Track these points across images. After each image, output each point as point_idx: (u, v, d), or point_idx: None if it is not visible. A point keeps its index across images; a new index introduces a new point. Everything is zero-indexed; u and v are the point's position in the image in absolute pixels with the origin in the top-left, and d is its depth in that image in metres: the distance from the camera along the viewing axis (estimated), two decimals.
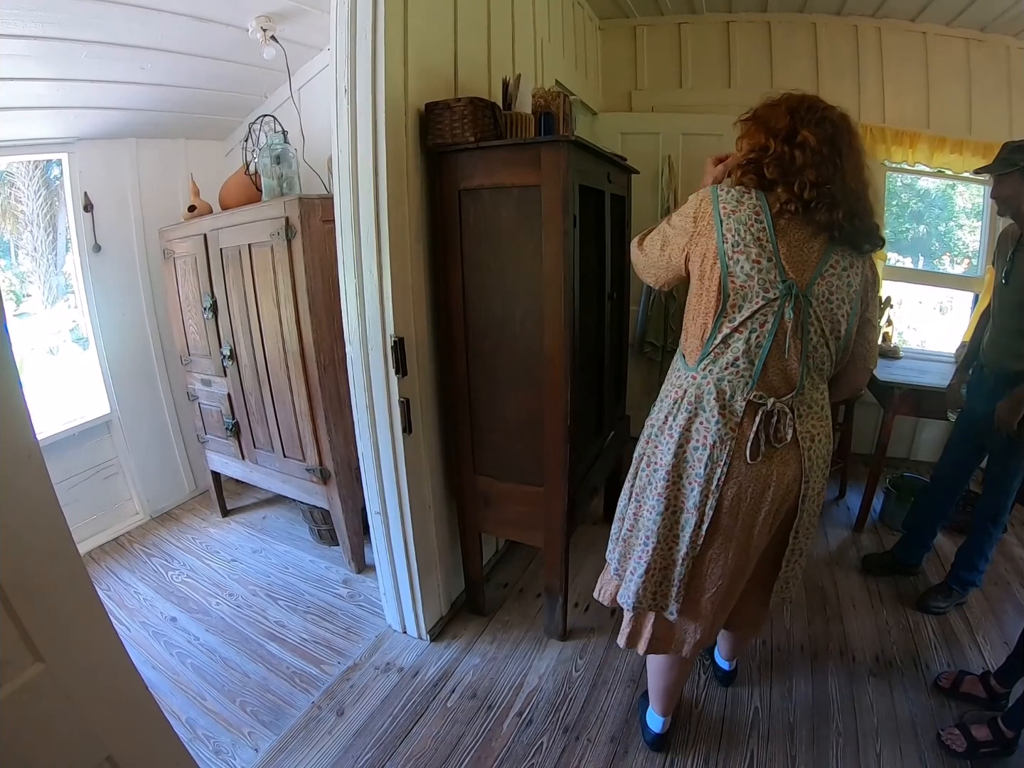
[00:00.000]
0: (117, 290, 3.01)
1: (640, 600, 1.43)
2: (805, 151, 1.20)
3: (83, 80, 2.46)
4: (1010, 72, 3.14)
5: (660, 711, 1.73)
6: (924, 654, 2.14)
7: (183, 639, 2.30)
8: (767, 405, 1.27)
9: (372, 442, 1.97)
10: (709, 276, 1.26)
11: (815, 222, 1.22)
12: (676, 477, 1.35)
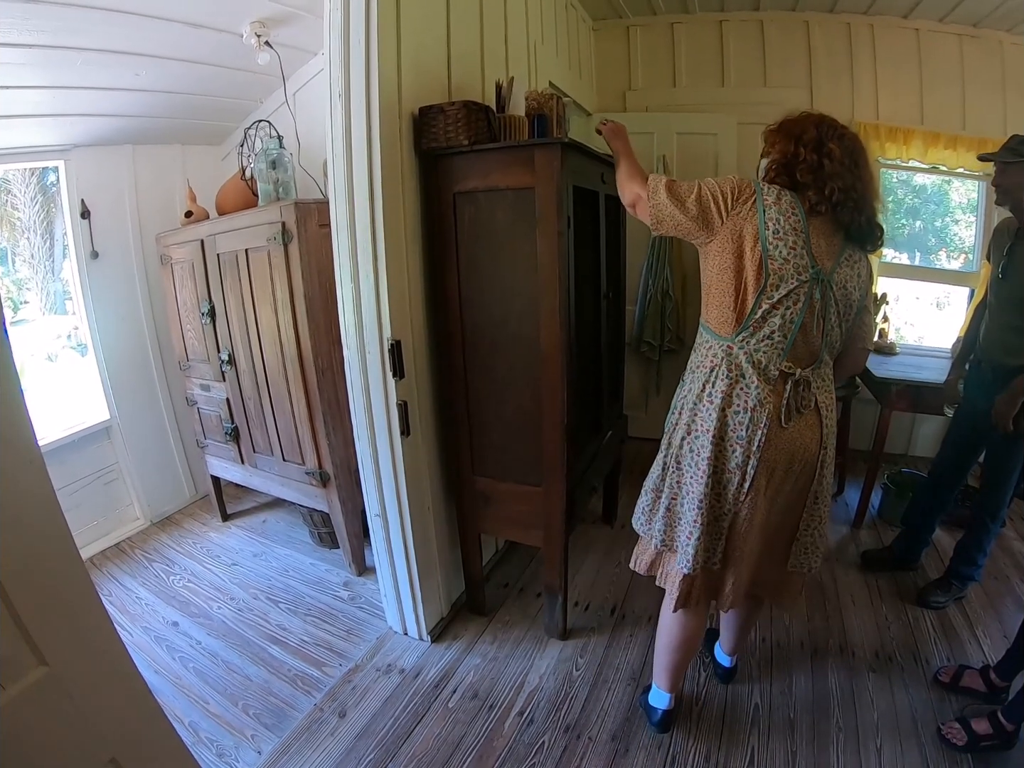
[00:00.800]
0: (115, 296, 3.01)
1: (697, 562, 1.52)
2: (832, 160, 1.37)
3: (78, 87, 2.47)
4: (1004, 67, 3.15)
5: (667, 687, 1.79)
6: (924, 649, 2.14)
7: (185, 643, 2.31)
8: (795, 375, 1.43)
9: (371, 445, 1.98)
10: (750, 257, 1.39)
11: (838, 221, 1.40)
12: (719, 440, 1.46)
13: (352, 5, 1.66)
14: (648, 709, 1.85)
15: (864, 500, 2.90)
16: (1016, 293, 2.04)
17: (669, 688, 1.79)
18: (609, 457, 2.56)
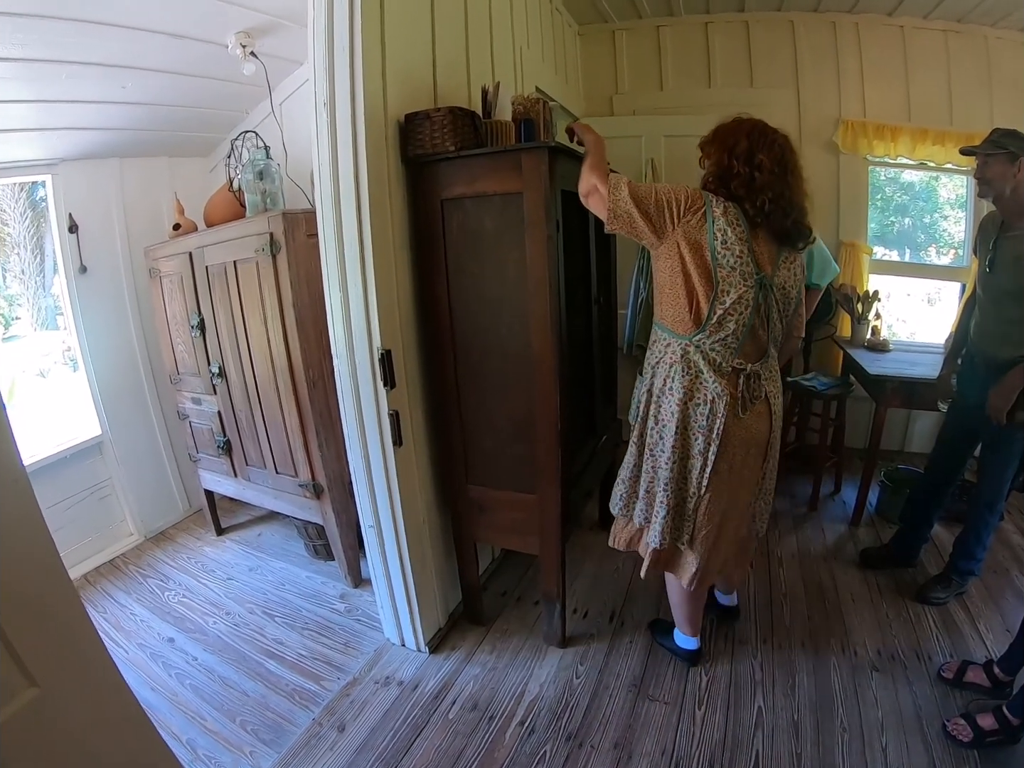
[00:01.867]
0: (104, 310, 2.99)
1: (664, 537, 1.70)
2: (763, 172, 1.49)
3: (64, 101, 2.45)
4: (989, 62, 3.17)
5: (693, 632, 2.02)
6: (926, 645, 2.13)
7: (181, 659, 2.28)
8: (746, 370, 1.60)
9: (363, 456, 1.96)
10: (700, 264, 1.51)
11: (771, 228, 1.54)
12: (683, 429, 1.62)
13: (336, 13, 1.66)
14: (676, 650, 2.07)
15: (861, 498, 2.90)
16: (1004, 285, 2.04)
17: (694, 633, 2.02)
18: (604, 461, 2.54)
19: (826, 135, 3.33)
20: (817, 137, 3.35)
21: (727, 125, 1.61)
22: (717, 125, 1.64)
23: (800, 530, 2.91)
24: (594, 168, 1.65)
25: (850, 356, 3.06)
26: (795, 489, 3.28)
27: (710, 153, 1.62)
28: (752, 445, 1.66)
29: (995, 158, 1.94)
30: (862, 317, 3.21)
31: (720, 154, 1.57)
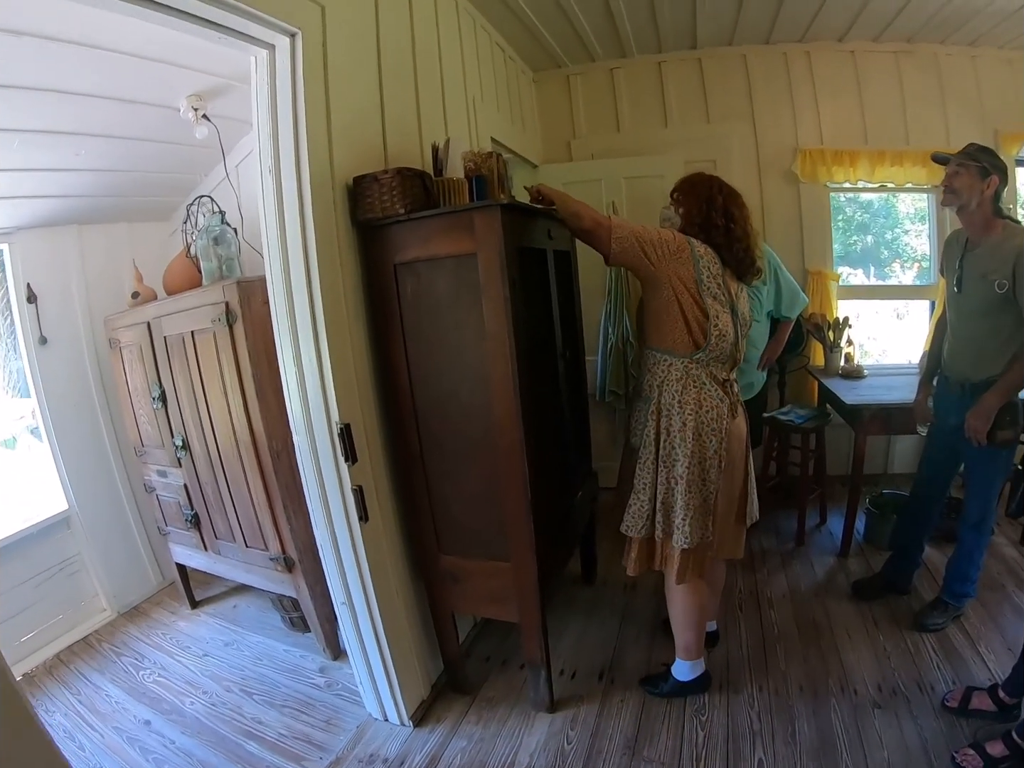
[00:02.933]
0: (67, 382, 2.91)
1: (692, 537, 1.82)
2: (736, 224, 1.81)
3: (19, 169, 2.42)
4: (941, 79, 3.23)
5: (698, 654, 2.06)
6: (928, 675, 2.07)
7: (158, 743, 2.16)
8: (729, 380, 1.89)
9: (329, 533, 1.88)
10: (692, 296, 1.76)
11: (737, 269, 1.87)
12: (699, 434, 1.80)
13: (278, 77, 1.64)
14: (681, 687, 2.07)
15: (848, 528, 2.85)
16: (973, 305, 2.04)
17: (699, 654, 2.06)
18: (582, 517, 2.47)
19: (785, 165, 3.36)
20: (776, 168, 3.38)
21: (698, 178, 1.89)
22: (687, 177, 1.92)
23: (788, 567, 2.85)
24: (585, 208, 1.81)
25: (825, 386, 3.04)
26: (780, 524, 3.22)
27: (685, 202, 1.87)
28: (741, 440, 1.91)
29: (967, 169, 1.96)
30: (834, 345, 3.20)
31: (700, 206, 1.82)
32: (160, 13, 1.39)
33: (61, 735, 2.24)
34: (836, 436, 3.27)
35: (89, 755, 2.14)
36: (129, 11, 1.35)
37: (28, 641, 2.72)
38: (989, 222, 1.99)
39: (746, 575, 2.78)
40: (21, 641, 2.69)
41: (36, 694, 2.51)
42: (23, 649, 2.69)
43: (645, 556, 1.95)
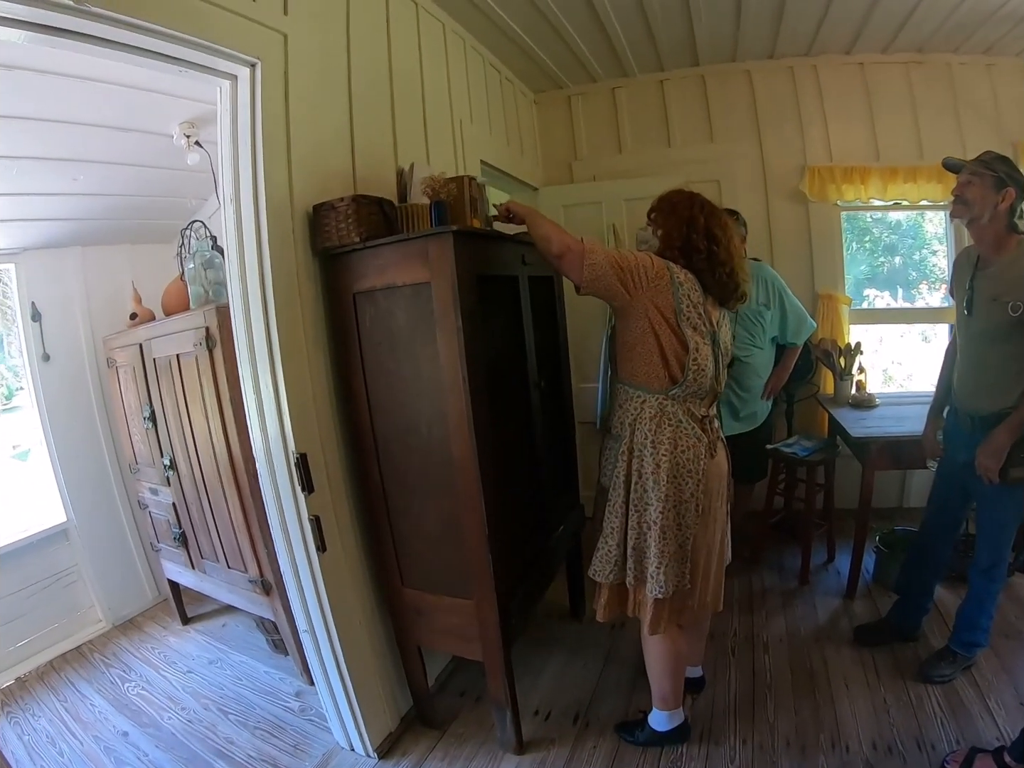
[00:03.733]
0: (67, 398, 3.00)
1: (668, 585, 1.68)
2: (719, 247, 1.66)
3: (23, 194, 2.52)
4: (954, 90, 3.07)
5: (676, 703, 1.92)
6: (929, 732, 1.89)
7: (133, 755, 2.20)
8: (708, 416, 1.77)
9: (290, 561, 1.86)
10: (670, 326, 1.63)
11: (720, 295, 1.72)
12: (674, 476, 1.67)
13: (240, 108, 1.65)
14: (659, 737, 1.94)
15: (855, 568, 2.66)
16: (984, 329, 1.87)
17: (676, 704, 1.92)
18: (562, 551, 2.39)
19: (792, 184, 3.22)
20: (783, 187, 3.25)
21: (675, 197, 1.74)
22: (665, 195, 1.77)
23: (789, 608, 2.68)
24: (558, 230, 1.69)
25: (833, 417, 2.89)
26: (784, 561, 3.04)
27: (664, 224, 1.72)
28: (721, 479, 1.79)
29: (981, 179, 1.80)
30: (845, 372, 3.03)
31: (680, 227, 1.67)
32: (120, 52, 1.41)
33: (43, 740, 2.32)
34: (847, 467, 3.07)
35: (67, 761, 2.20)
36: (90, 51, 1.38)
37: (23, 647, 2.80)
38: (1002, 239, 1.82)
39: (743, 616, 2.63)
40: (17, 646, 2.77)
41: (25, 698, 2.60)
42: (18, 654, 2.77)
43: (616, 602, 1.83)
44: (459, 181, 1.86)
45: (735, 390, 2.78)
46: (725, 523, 1.87)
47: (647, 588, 1.72)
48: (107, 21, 1.29)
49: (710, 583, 1.82)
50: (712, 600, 1.86)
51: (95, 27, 1.30)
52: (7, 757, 1.13)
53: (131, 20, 1.31)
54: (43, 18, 1.23)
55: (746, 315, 2.69)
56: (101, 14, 1.26)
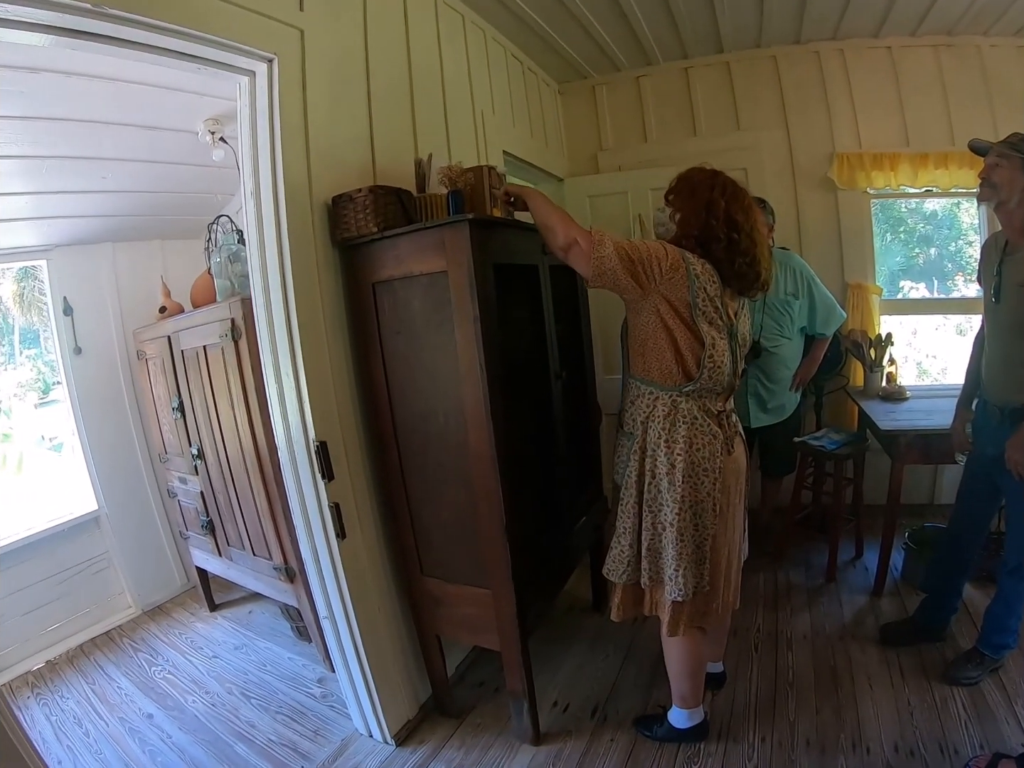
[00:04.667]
0: (99, 390, 3.08)
1: (686, 587, 1.64)
2: (740, 234, 1.55)
3: (54, 192, 2.59)
4: (985, 73, 2.96)
5: (695, 702, 1.88)
6: (953, 736, 1.83)
7: (157, 737, 2.26)
8: (725, 411, 1.69)
9: (311, 547, 1.89)
10: (683, 321, 1.55)
11: (740, 286, 1.62)
12: (691, 476, 1.61)
13: (258, 103, 1.67)
14: (677, 734, 1.91)
15: (883, 565, 2.60)
16: (1012, 317, 1.80)
17: (696, 703, 1.89)
18: (582, 545, 2.38)
19: (821, 172, 3.14)
20: (812, 175, 3.17)
21: (695, 177, 1.61)
22: (685, 174, 1.64)
23: (815, 605, 2.62)
24: (563, 220, 1.60)
25: (862, 409, 2.81)
26: (811, 558, 2.97)
27: (683, 208, 1.61)
28: (739, 476, 1.73)
29: (1009, 161, 1.74)
30: (875, 364, 2.95)
31: (698, 213, 1.56)
32: (140, 51, 1.43)
33: (70, 720, 2.40)
34: (878, 462, 3.00)
35: (92, 741, 2.28)
36: (111, 52, 1.41)
37: (54, 631, 2.90)
38: None
39: (767, 612, 2.59)
40: (48, 630, 2.87)
41: (55, 680, 2.69)
42: (49, 638, 2.87)
43: (631, 602, 1.79)
44: (477, 171, 1.85)
45: (763, 381, 2.73)
46: (744, 520, 1.83)
47: (666, 591, 1.68)
48: (125, 22, 1.32)
49: (732, 583, 1.78)
50: (734, 598, 1.82)
51: (114, 28, 1.33)
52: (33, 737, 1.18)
53: (148, 20, 1.34)
54: (64, 22, 1.26)
55: (774, 305, 2.64)
56: (119, 15, 1.29)
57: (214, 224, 2.75)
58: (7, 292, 3.47)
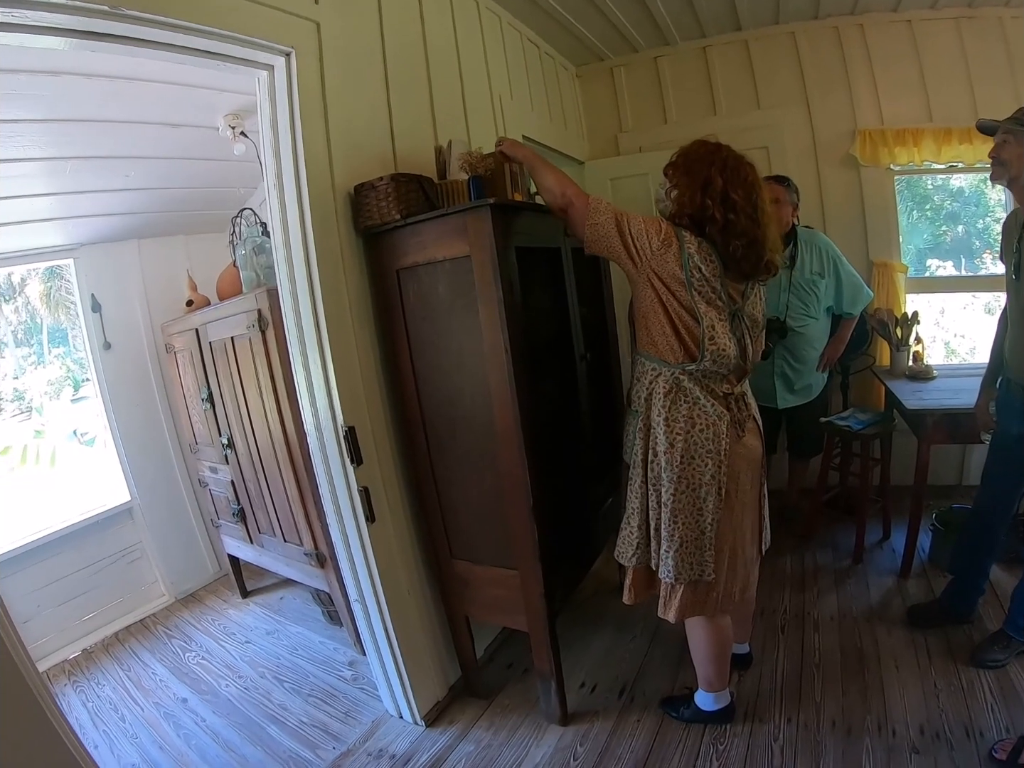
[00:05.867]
0: (129, 383, 3.16)
1: (679, 573, 1.62)
2: (738, 214, 1.48)
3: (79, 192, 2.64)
4: (1008, 45, 2.88)
5: (721, 685, 1.88)
6: (979, 719, 1.82)
7: (191, 721, 2.32)
8: (733, 393, 1.63)
9: (340, 531, 1.93)
10: (678, 299, 1.52)
11: (740, 269, 1.55)
12: (691, 457, 1.58)
13: (278, 96, 1.69)
14: (704, 716, 1.91)
15: (910, 546, 2.57)
16: None
17: (722, 686, 1.88)
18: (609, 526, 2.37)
19: (843, 149, 3.09)
20: (834, 153, 3.12)
21: (695, 152, 1.57)
22: (685, 147, 1.60)
23: (841, 587, 2.61)
24: (559, 180, 1.61)
25: (889, 389, 2.78)
26: (838, 540, 2.96)
27: (679, 184, 1.56)
28: (752, 463, 1.68)
29: (1016, 137, 1.72)
30: (901, 343, 2.91)
31: (693, 191, 1.51)
32: (158, 50, 1.46)
33: (106, 706, 2.48)
34: (905, 442, 2.96)
35: (128, 725, 2.35)
36: (130, 52, 1.43)
37: (90, 620, 2.99)
38: None
39: (794, 594, 2.59)
40: (83, 619, 2.96)
41: (91, 668, 2.77)
42: (84, 627, 2.96)
43: (643, 585, 1.79)
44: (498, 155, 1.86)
45: (789, 361, 2.72)
46: (760, 507, 1.79)
47: (660, 572, 1.68)
48: (142, 22, 1.34)
49: (737, 573, 1.72)
50: (741, 590, 1.77)
51: (132, 29, 1.35)
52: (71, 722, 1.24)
53: (165, 19, 1.36)
54: (82, 24, 1.28)
55: (800, 284, 2.62)
56: (136, 16, 1.31)
57: (238, 217, 2.79)
58: (34, 292, 3.57)
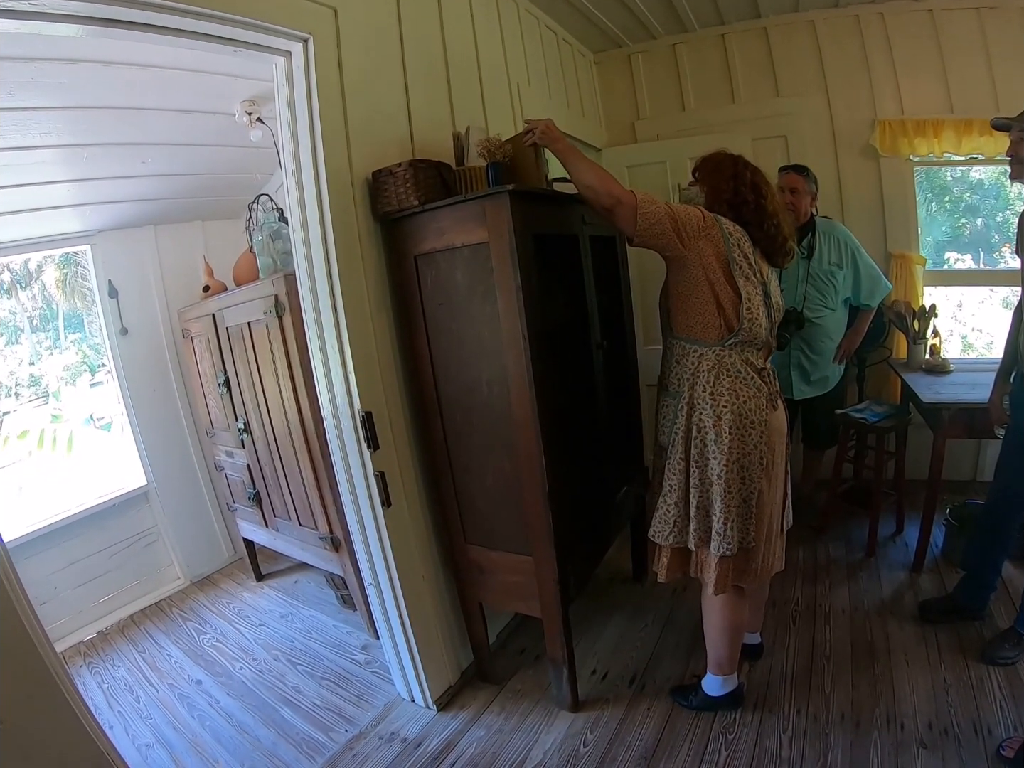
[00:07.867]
0: (146, 368, 3.19)
1: (734, 542, 1.67)
2: (767, 200, 1.68)
3: (96, 179, 2.66)
4: None
5: (731, 668, 1.90)
6: (987, 716, 1.82)
7: (205, 702, 2.36)
8: (766, 368, 1.75)
9: (356, 516, 1.95)
10: (723, 276, 1.62)
11: (767, 248, 1.72)
12: (738, 428, 1.64)
13: (295, 82, 1.70)
14: (713, 701, 1.94)
15: (923, 541, 2.56)
16: None
17: (732, 669, 1.91)
18: (624, 513, 2.40)
19: (863, 139, 3.06)
20: (853, 143, 3.09)
21: (720, 156, 1.75)
22: (707, 156, 1.77)
23: (853, 580, 2.60)
24: (602, 179, 1.64)
25: (905, 382, 2.76)
26: (851, 533, 2.95)
27: (711, 179, 1.73)
28: (782, 436, 1.76)
29: None
30: (918, 336, 2.89)
31: (727, 181, 1.68)
32: (174, 37, 1.45)
33: (121, 687, 2.52)
34: (920, 436, 2.93)
35: (143, 707, 2.39)
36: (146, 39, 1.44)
37: (106, 602, 3.04)
38: None
39: (806, 586, 2.59)
40: (100, 602, 3.01)
41: (106, 650, 2.82)
42: (100, 609, 3.02)
43: (678, 563, 1.81)
44: (517, 140, 1.86)
45: (806, 352, 2.71)
46: (786, 483, 1.84)
47: (712, 547, 1.70)
48: (158, 8, 1.33)
49: (773, 543, 1.79)
50: (776, 561, 1.84)
51: (148, 15, 1.34)
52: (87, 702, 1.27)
53: (182, 6, 1.35)
54: (98, 11, 1.28)
55: (817, 275, 2.60)
56: (152, 3, 1.31)
57: (254, 203, 2.80)
58: (51, 279, 3.61)
